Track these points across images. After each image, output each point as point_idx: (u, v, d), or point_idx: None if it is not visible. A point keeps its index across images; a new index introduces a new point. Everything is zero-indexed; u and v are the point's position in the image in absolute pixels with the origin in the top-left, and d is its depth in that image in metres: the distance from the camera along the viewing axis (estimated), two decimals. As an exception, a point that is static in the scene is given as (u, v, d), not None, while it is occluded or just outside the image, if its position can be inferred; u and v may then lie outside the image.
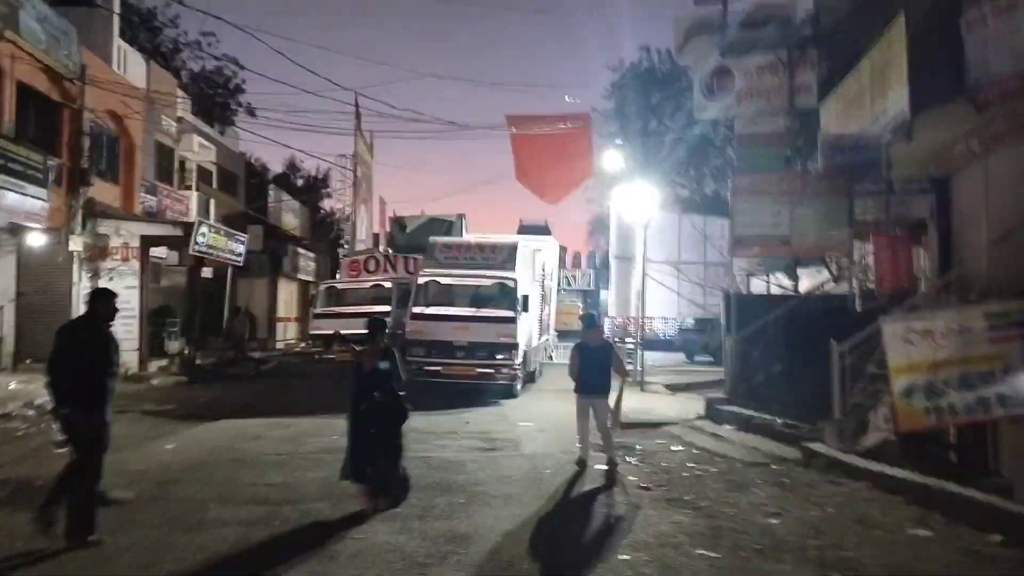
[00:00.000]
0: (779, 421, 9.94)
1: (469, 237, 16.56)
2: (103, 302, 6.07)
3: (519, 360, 14.72)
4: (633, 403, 13.92)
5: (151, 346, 20.91)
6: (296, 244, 33.77)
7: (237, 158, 32.70)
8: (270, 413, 12.80)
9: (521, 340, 14.82)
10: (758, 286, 22.22)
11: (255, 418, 12.27)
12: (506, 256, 15.50)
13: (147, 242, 17.99)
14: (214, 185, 29.29)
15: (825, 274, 18.38)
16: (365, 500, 6.84)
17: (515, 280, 14.92)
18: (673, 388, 18.16)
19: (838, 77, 15.39)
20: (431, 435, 10.85)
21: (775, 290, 22.09)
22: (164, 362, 19.65)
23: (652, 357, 25.07)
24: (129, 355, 16.57)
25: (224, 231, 19.19)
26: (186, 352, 19.93)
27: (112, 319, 6.11)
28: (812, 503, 7.23)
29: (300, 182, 50.29)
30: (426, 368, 14.56)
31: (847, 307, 12.25)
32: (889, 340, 8.62)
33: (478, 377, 14.46)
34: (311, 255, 34.89)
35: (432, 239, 16.18)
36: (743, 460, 9.10)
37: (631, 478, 8.31)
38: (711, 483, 8.09)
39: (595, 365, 8.83)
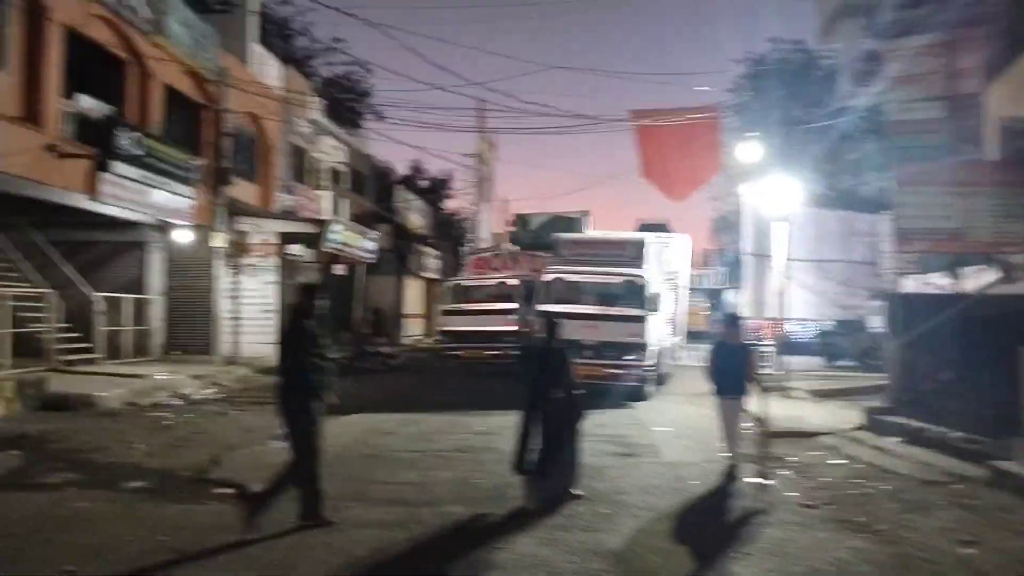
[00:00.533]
0: (956, 435, 8.84)
1: (596, 233, 16.05)
2: (305, 296, 6.32)
3: (650, 361, 14.05)
4: (778, 410, 13.00)
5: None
6: (421, 243, 34.28)
7: (365, 159, 33.54)
8: (400, 409, 12.76)
9: (651, 340, 14.14)
10: (910, 287, 20.47)
11: (385, 413, 12.24)
12: (635, 253, 14.86)
13: (284, 239, 18.56)
14: (345, 185, 30.14)
15: (990, 274, 16.62)
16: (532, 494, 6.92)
17: (644, 278, 14.27)
18: (818, 394, 16.95)
19: (1006, 60, 13.90)
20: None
21: (929, 291, 20.40)
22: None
23: (789, 362, 23.80)
24: (266, 348, 17.13)
25: (356, 228, 19.52)
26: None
27: (312, 313, 6.22)
28: (1011, 531, 6.26)
29: (425, 183, 51.47)
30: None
31: (1031, 309, 10.86)
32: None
33: (607, 378, 13.90)
34: (435, 253, 35.35)
35: (558, 235, 15.77)
36: (917, 477, 8.12)
37: (790, 494, 7.54)
38: (884, 503, 7.21)
39: (734, 366, 8.65)
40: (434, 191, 47.64)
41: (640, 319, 13.81)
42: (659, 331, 15.19)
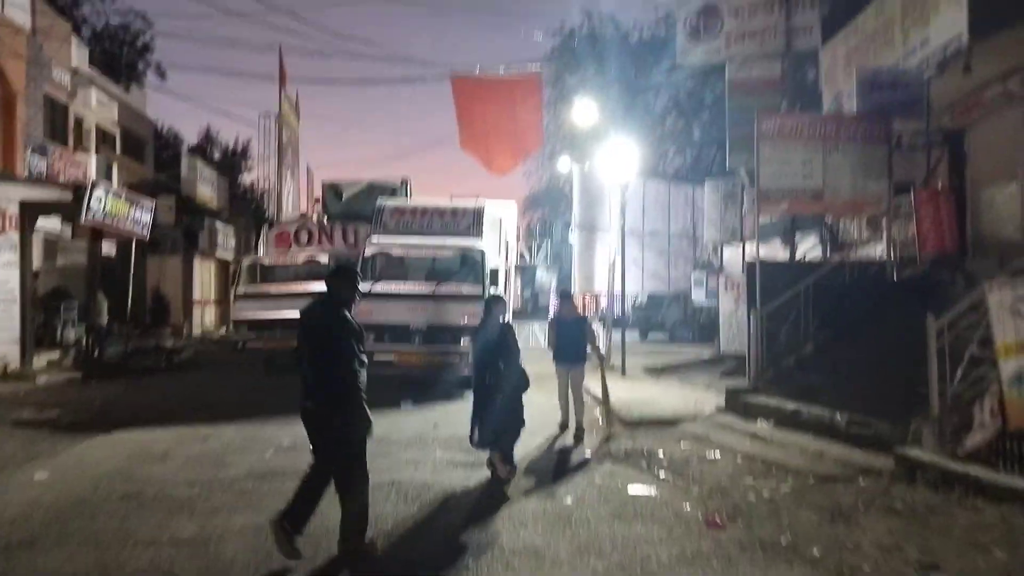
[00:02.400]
0: (841, 417, 7.93)
1: (426, 200, 14.04)
2: (345, 280, 5.22)
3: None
4: (622, 391, 11.87)
5: (42, 336, 17.76)
6: (214, 218, 30.40)
7: (145, 122, 29.10)
8: (182, 419, 10.14)
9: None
10: (733, 256, 20.45)
11: (162, 427, 9.60)
12: (470, 221, 13.07)
13: (31, 210, 14.81)
14: (118, 149, 25.78)
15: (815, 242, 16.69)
16: (502, 466, 6.95)
17: (482, 250, 12.54)
18: (651, 372, 16.22)
19: (843, 15, 13.60)
20: (394, 445, 8.46)
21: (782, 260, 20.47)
22: (56, 355, 16.55)
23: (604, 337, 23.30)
24: (7, 348, 13.55)
25: (126, 196, 16.11)
26: (84, 342, 16.85)
27: (353, 301, 5.22)
28: (966, 543, 5.15)
29: (218, 154, 46.40)
30: (376, 358, 12.05)
31: (885, 275, 10.39)
32: (996, 312, 6.72)
33: (440, 366, 12.08)
34: (231, 230, 31.55)
35: (380, 202, 13.59)
36: (813, 472, 7.03)
37: (688, 509, 6.11)
38: (797, 512, 5.97)
39: (571, 337, 9.35)
40: (230, 163, 43.07)
41: (477, 297, 12.06)
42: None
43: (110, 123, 24.71)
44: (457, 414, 10.37)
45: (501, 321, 7.39)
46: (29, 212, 14.68)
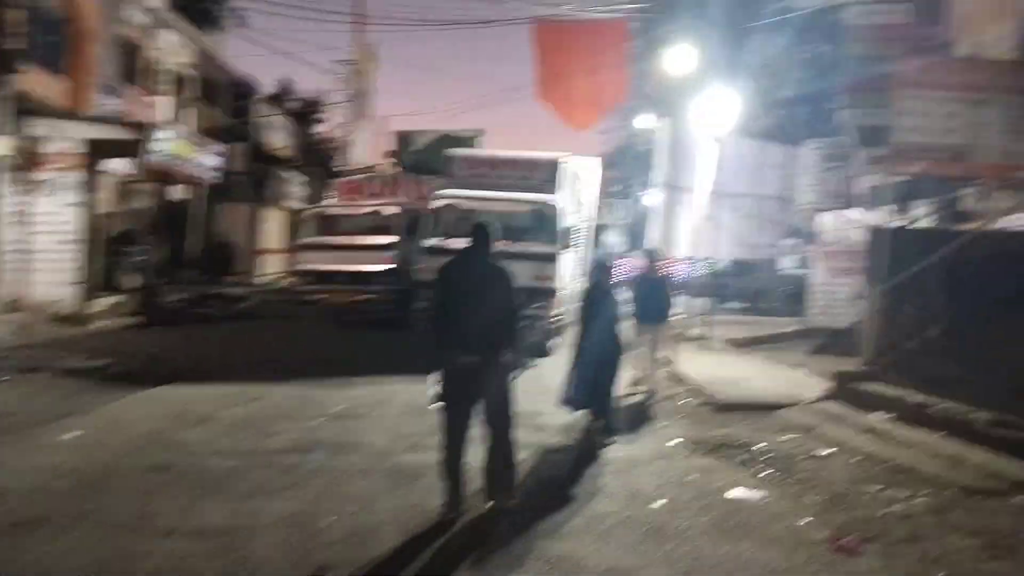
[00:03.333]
0: (980, 415, 6.66)
1: (499, 151, 12.98)
2: (487, 236, 5.30)
3: (558, 310, 11.35)
4: (708, 367, 10.75)
5: (108, 280, 17.60)
6: (285, 167, 30.03)
7: (221, 67, 28.68)
8: (234, 375, 9.51)
9: (562, 284, 11.42)
10: (828, 223, 18.80)
11: (212, 383, 8.98)
12: (546, 176, 11.98)
13: (97, 149, 14.39)
14: (193, 93, 25.47)
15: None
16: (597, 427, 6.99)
17: (557, 206, 11.46)
18: (737, 344, 14.96)
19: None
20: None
21: (855, 231, 18.76)
22: (118, 299, 16.32)
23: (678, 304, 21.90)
24: (63, 290, 13.24)
25: (192, 140, 15.57)
26: (146, 287, 16.61)
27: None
28: None
29: (295, 104, 46.08)
30: (442, 317, 11.26)
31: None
32: None
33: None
34: (302, 180, 31.15)
35: (451, 152, 12.60)
36: (952, 482, 5.84)
37: (805, 524, 5.04)
38: (942, 535, 4.83)
39: (655, 296, 9.31)
40: (306, 114, 42.71)
41: (552, 258, 11.06)
42: (570, 273, 12.52)
43: (186, 66, 24.32)
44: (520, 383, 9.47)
45: (607, 283, 7.57)
46: (93, 152, 14.25)
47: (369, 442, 6.62)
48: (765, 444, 6.98)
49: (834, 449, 6.83)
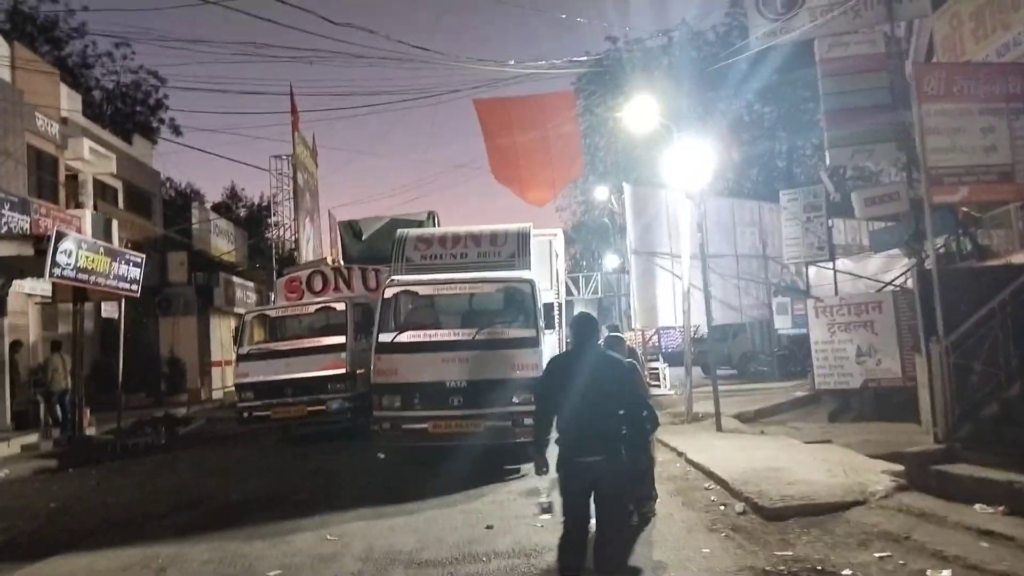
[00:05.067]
0: None
1: (455, 227, 11.33)
2: (592, 326, 5.03)
3: (545, 402, 9.48)
4: (730, 454, 8.97)
5: (18, 418, 15.36)
6: (231, 272, 28.13)
7: (150, 174, 27.13)
8: (144, 533, 7.41)
9: (546, 372, 9.61)
10: (821, 279, 17.45)
11: (113, 549, 6.88)
12: (514, 248, 10.31)
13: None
14: (120, 204, 23.74)
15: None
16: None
17: (532, 282, 9.77)
18: (745, 419, 13.22)
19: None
20: (430, 567, 5.68)
21: (846, 283, 17.44)
22: (34, 438, 14.07)
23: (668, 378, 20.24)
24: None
25: (105, 248, 13.70)
26: (64, 422, 14.44)
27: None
28: None
29: (244, 211, 44.62)
30: (405, 426, 9.30)
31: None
32: None
33: (488, 435, 9.21)
34: (251, 285, 29.22)
35: (401, 232, 10.94)
36: None
37: None
38: None
39: None
40: (257, 219, 41.16)
41: (534, 342, 9.26)
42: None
43: (108, 176, 22.65)
44: (515, 506, 7.54)
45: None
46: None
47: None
48: (853, 571, 5.14)
49: (949, 571, 5.00)
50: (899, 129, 11.04)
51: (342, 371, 12.46)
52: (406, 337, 9.62)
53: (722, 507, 7.04)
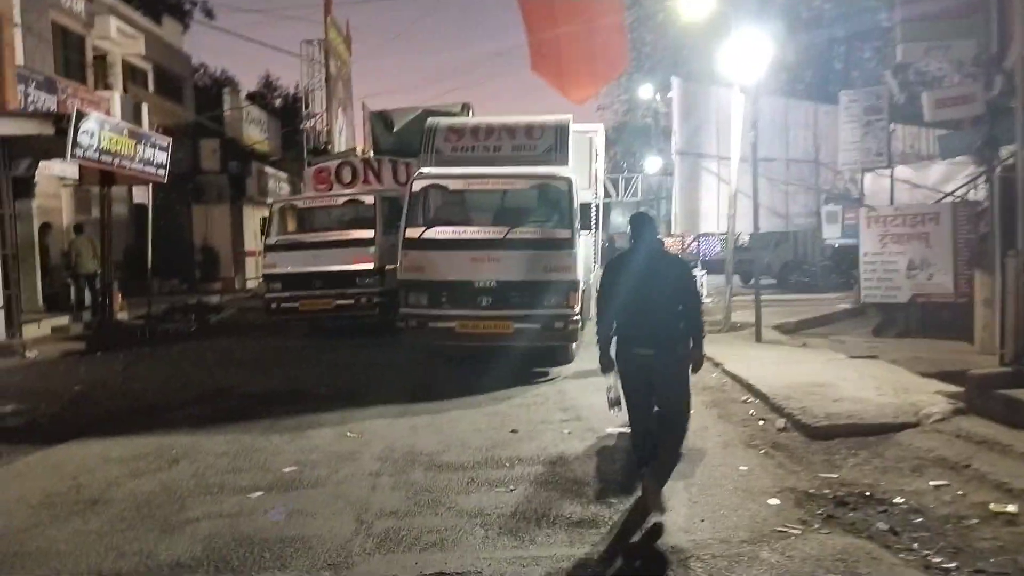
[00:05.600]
0: None
1: (490, 118, 10.64)
2: (651, 224, 4.93)
3: (578, 307, 9.02)
4: (771, 367, 8.54)
5: (51, 300, 15.44)
6: (264, 162, 27.72)
7: (182, 58, 26.42)
8: (161, 422, 7.28)
9: (580, 274, 9.11)
10: (877, 188, 16.44)
11: (129, 436, 6.73)
12: (551, 142, 9.65)
13: (14, 148, 12.16)
14: (150, 88, 23.20)
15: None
16: None
17: (570, 180, 9.16)
18: (786, 331, 12.72)
19: None
20: (450, 473, 5.42)
21: (903, 192, 16.41)
22: (65, 320, 14.14)
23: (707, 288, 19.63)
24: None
25: (129, 130, 13.29)
26: (94, 305, 14.48)
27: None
28: None
29: (279, 102, 43.75)
30: (432, 325, 8.98)
31: None
32: None
33: (515, 337, 8.86)
34: (284, 175, 28.84)
35: (432, 121, 10.32)
36: None
37: None
38: None
39: None
40: (291, 110, 40.36)
41: (569, 244, 8.77)
42: (587, 260, 10.25)
43: (138, 57, 22.01)
44: (542, 410, 7.23)
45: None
46: (11, 152, 12.03)
47: (320, 536, 4.38)
48: (906, 499, 4.72)
49: (1016, 506, 4.56)
50: (982, 27, 9.98)
51: (370, 266, 12.14)
52: (434, 233, 9.16)
53: (761, 422, 6.64)
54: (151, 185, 15.06)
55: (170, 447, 6.32)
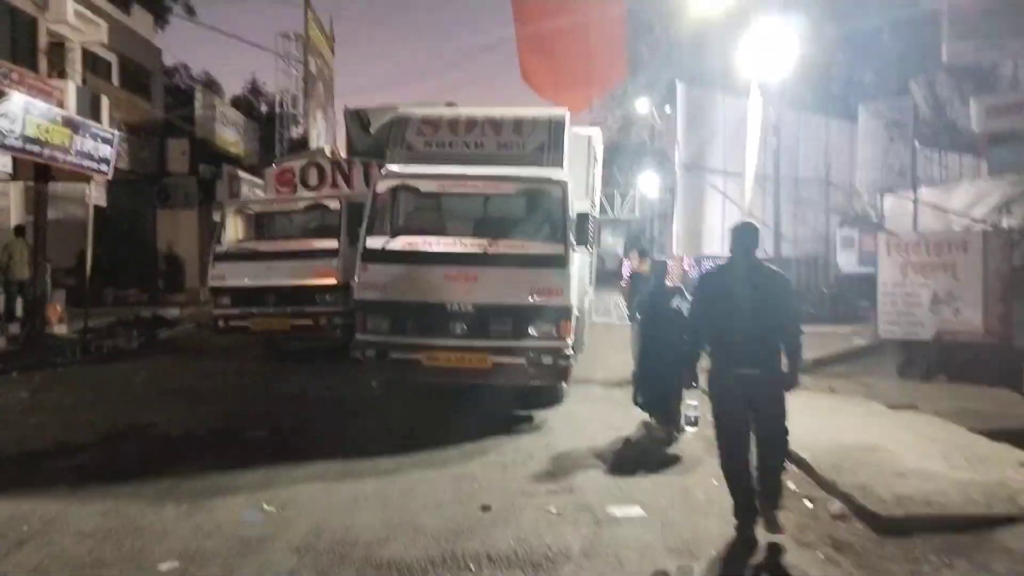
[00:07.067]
0: None
1: (472, 110, 9.11)
2: (755, 235, 4.66)
3: (571, 338, 7.46)
4: (803, 423, 6.98)
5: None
6: (238, 166, 26.10)
7: (150, 50, 24.81)
8: (42, 472, 5.67)
9: (575, 298, 7.56)
10: (899, 211, 15.02)
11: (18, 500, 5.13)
12: (544, 140, 8.15)
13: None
14: (114, 80, 21.59)
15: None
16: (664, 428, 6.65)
17: (563, 184, 7.65)
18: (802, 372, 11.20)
19: None
20: (394, 573, 3.84)
21: (927, 217, 15.02)
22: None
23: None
24: None
25: (64, 118, 11.69)
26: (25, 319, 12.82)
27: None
28: None
29: (266, 108, 42.01)
30: (393, 355, 7.37)
31: None
32: None
33: (494, 373, 7.29)
34: (260, 182, 27.15)
35: (402, 112, 8.79)
36: None
37: None
38: None
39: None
40: (277, 116, 38.69)
41: (561, 261, 7.23)
42: (583, 282, 8.69)
43: (101, 48, 20.42)
44: (523, 473, 5.67)
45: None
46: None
47: None
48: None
49: None
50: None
51: (332, 281, 10.56)
52: (400, 244, 7.61)
53: (809, 504, 5.10)
54: (106, 184, 13.49)
55: (25, 519, 4.72)
